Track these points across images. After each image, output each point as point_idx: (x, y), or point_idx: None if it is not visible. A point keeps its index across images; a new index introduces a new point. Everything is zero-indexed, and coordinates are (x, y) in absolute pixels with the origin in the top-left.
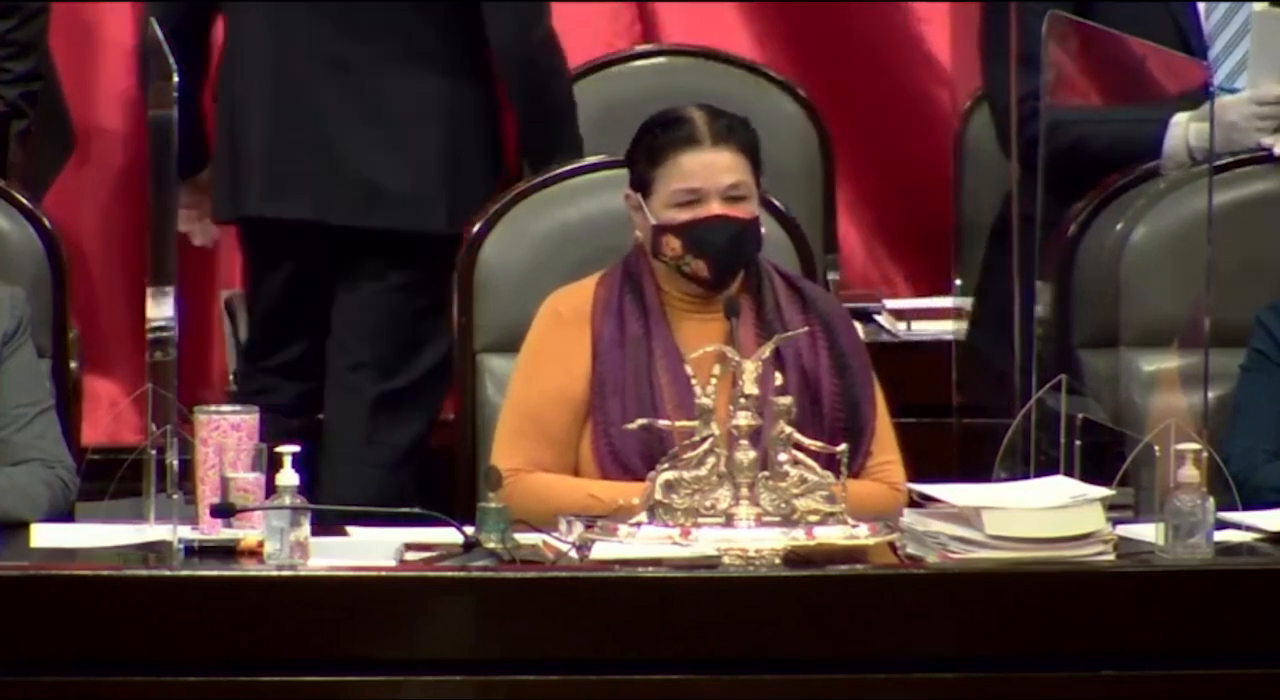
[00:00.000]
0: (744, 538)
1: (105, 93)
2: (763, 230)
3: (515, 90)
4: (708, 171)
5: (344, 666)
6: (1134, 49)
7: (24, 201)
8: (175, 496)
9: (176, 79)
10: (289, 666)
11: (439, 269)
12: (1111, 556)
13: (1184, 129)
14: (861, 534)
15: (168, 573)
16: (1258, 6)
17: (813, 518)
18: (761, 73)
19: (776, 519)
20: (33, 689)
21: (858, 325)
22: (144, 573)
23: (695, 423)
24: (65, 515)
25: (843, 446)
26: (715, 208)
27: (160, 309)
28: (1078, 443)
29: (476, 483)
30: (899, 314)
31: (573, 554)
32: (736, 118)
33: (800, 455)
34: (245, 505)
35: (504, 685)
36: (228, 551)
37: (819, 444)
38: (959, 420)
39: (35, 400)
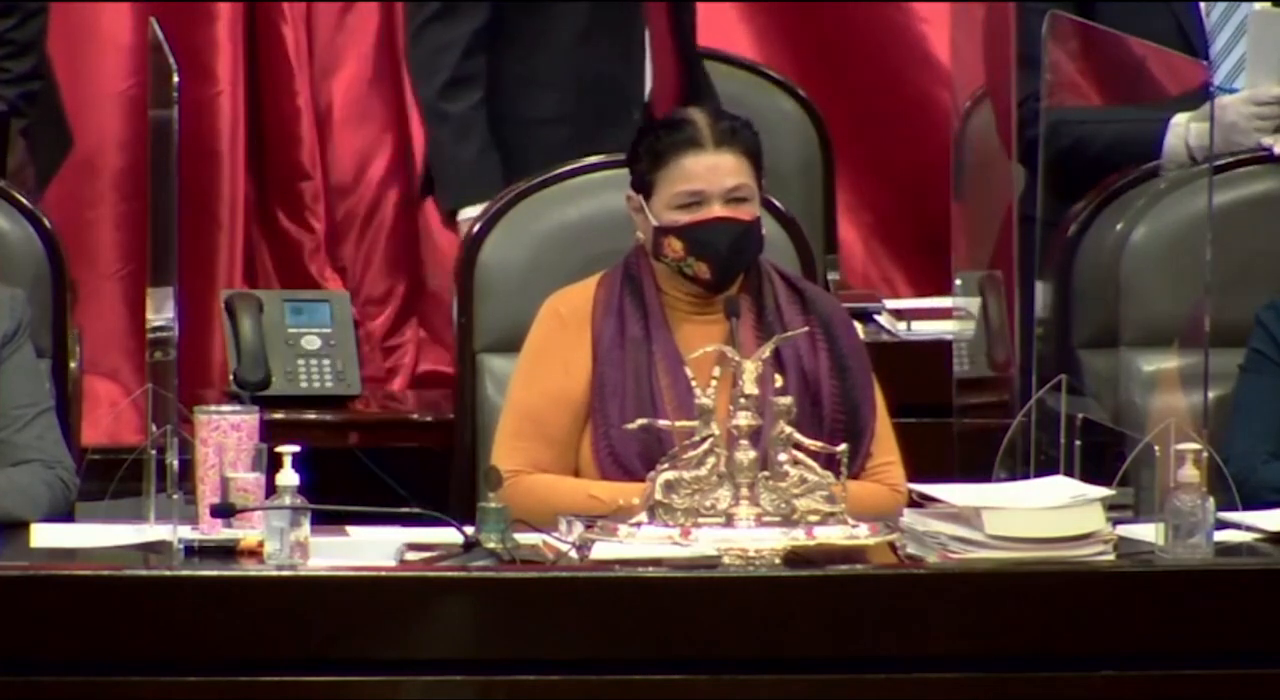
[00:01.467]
0: (744, 538)
1: (105, 93)
2: (763, 231)
3: None
4: (710, 174)
5: (344, 666)
6: (1134, 49)
7: (24, 201)
8: (175, 496)
9: (177, 79)
10: (289, 666)
11: None
12: (1111, 556)
13: (1184, 129)
14: (861, 534)
15: (168, 573)
16: (1257, 6)
17: (813, 518)
18: (761, 73)
19: (776, 519)
20: (33, 689)
21: (858, 325)
22: (144, 573)
23: (695, 423)
24: (65, 515)
25: (843, 446)
26: (717, 210)
27: (160, 309)
28: (1078, 443)
29: (476, 483)
30: (899, 314)
31: (573, 554)
32: (739, 120)
33: (800, 455)
34: (245, 505)
35: (504, 685)
36: (228, 551)
37: (819, 444)
38: (959, 420)
39: (35, 401)
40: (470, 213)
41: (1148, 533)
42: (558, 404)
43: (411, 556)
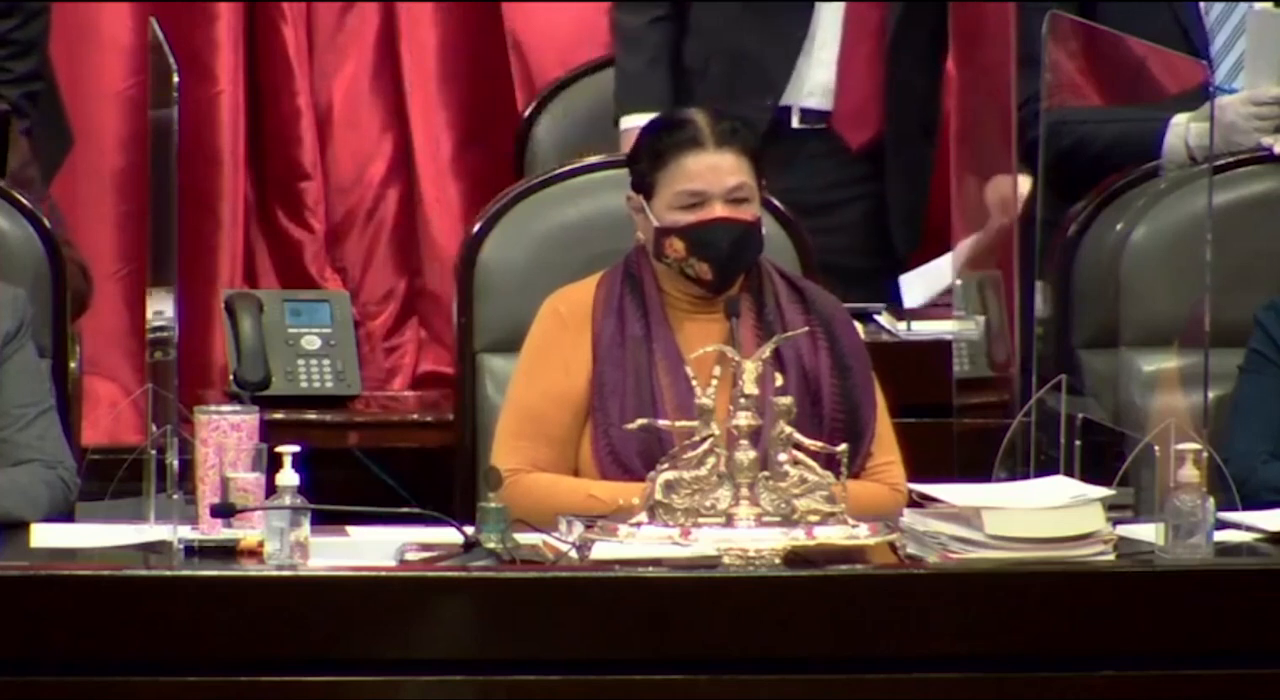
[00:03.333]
0: (744, 538)
1: (105, 93)
2: (764, 231)
3: None
4: (711, 174)
5: (344, 666)
6: (1134, 49)
7: (24, 201)
8: (175, 496)
9: (177, 79)
10: (289, 666)
11: None
12: (1111, 556)
13: (1184, 129)
14: (861, 534)
15: (168, 573)
16: (1256, 6)
17: (813, 518)
18: None
19: (776, 519)
20: (33, 689)
21: (858, 325)
22: (144, 573)
23: (695, 423)
24: (65, 515)
25: (843, 446)
26: (718, 210)
27: (160, 309)
28: (1078, 443)
29: (476, 483)
30: (899, 314)
31: (573, 554)
32: (739, 120)
33: (800, 455)
34: (245, 505)
35: (504, 685)
36: (228, 551)
37: (819, 444)
38: (959, 420)
39: (36, 401)
40: (631, 121)
41: (1148, 533)
42: (558, 403)
43: (411, 556)
